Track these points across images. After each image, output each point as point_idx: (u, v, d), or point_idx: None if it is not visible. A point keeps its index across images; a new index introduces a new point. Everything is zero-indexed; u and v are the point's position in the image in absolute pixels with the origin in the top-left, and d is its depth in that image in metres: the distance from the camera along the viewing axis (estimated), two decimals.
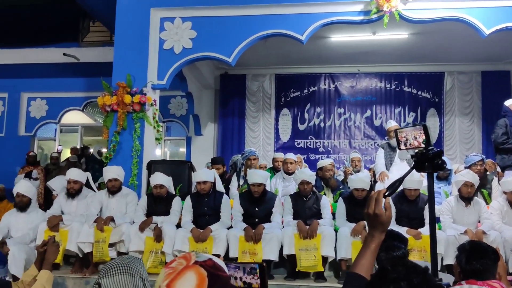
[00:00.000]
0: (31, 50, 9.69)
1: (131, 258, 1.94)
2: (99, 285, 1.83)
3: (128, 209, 5.48)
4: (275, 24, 6.20)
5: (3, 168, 9.82)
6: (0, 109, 10.54)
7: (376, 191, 1.55)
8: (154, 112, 6.41)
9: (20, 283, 3.02)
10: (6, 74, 10.12)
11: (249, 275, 1.65)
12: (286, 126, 9.81)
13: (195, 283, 1.16)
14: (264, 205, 5.17)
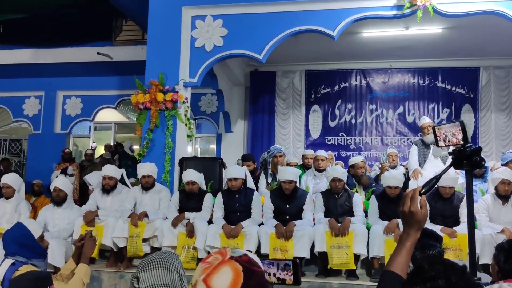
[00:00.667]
0: (66, 50, 9.95)
1: (168, 253, 1.98)
2: (137, 279, 1.87)
3: (161, 205, 5.56)
4: (306, 20, 6.17)
5: (40, 164, 10.15)
6: (37, 107, 10.86)
7: (412, 189, 1.53)
8: (185, 110, 6.49)
9: (59, 276, 3.11)
10: (42, 73, 10.42)
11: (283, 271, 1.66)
12: (317, 123, 9.75)
13: (231, 278, 1.18)
14: (295, 202, 5.17)
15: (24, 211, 5.55)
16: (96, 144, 10.60)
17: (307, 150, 7.06)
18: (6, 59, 10.18)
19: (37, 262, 2.99)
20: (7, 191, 5.56)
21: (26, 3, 9.06)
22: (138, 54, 9.20)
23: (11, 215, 5.53)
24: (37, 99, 10.84)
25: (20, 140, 11.27)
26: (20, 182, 5.79)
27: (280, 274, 1.63)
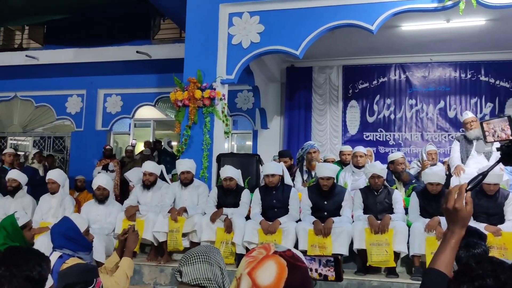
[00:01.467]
0: (107, 49, 10.22)
1: (209, 248, 2.01)
2: (180, 273, 1.91)
3: (200, 201, 5.64)
4: (343, 14, 6.10)
5: (83, 161, 10.47)
6: (79, 105, 11.20)
7: (457, 185, 1.50)
8: (223, 107, 6.55)
9: (103, 268, 3.21)
10: (84, 72, 10.73)
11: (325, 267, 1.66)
12: (354, 119, 9.63)
13: (275, 272, 1.19)
14: (333, 198, 5.13)
15: (68, 205, 5.74)
16: (136, 141, 10.83)
17: (345, 146, 6.99)
18: (50, 59, 10.56)
19: (83, 255, 3.09)
20: (52, 186, 5.76)
21: (69, 4, 9.35)
22: (176, 52, 9.34)
23: (56, 209, 5.74)
24: (79, 97, 11.18)
25: (64, 137, 11.64)
26: (64, 177, 5.98)
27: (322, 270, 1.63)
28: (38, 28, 11.67)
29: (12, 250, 1.67)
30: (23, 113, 11.74)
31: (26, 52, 10.91)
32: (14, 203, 5.87)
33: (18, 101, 11.73)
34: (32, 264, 1.59)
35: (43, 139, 11.69)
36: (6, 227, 3.32)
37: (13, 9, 9.51)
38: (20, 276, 1.55)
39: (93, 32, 10.69)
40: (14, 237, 3.31)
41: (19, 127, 11.76)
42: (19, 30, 12.43)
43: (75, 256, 3.04)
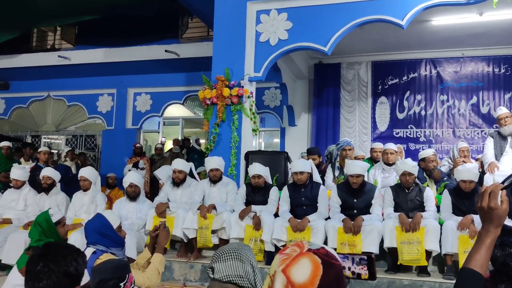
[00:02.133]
0: (136, 48, 10.37)
1: (241, 245, 2.01)
2: (212, 269, 1.93)
3: (228, 198, 5.67)
4: (373, 10, 6.00)
5: (113, 158, 10.67)
6: (110, 104, 11.42)
7: (492, 184, 1.46)
8: (251, 104, 6.55)
9: (135, 264, 3.27)
10: (114, 71, 10.93)
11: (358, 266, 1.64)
12: (384, 115, 9.48)
13: (310, 270, 1.18)
14: (363, 196, 5.07)
15: (100, 202, 5.85)
16: (165, 138, 10.97)
17: (376, 143, 6.90)
18: (81, 59, 10.80)
19: (116, 251, 3.15)
20: (84, 183, 5.88)
21: (100, 5, 9.52)
22: (204, 51, 9.41)
23: (88, 206, 5.86)
24: (110, 96, 11.40)
25: (95, 135, 11.90)
26: (96, 175, 6.11)
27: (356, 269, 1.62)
28: (70, 28, 11.93)
29: (50, 246, 1.71)
30: (56, 112, 12.06)
31: (58, 52, 11.18)
32: (48, 200, 6.03)
33: (51, 100, 12.05)
34: (69, 260, 1.63)
35: (75, 138, 11.98)
36: (41, 223, 3.41)
37: (45, 10, 9.76)
38: (58, 271, 1.59)
39: (123, 32, 10.86)
40: (48, 233, 3.40)
41: (52, 126, 12.09)
42: (51, 31, 12.75)
43: (108, 252, 3.10)
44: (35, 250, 1.62)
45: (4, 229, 5.62)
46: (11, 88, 12.22)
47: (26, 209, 6.06)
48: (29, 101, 12.13)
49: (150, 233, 3.41)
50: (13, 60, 11.35)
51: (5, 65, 11.40)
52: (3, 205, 6.07)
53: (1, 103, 12.40)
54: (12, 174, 6.13)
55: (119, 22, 10.90)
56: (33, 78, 11.70)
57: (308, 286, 1.17)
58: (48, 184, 6.01)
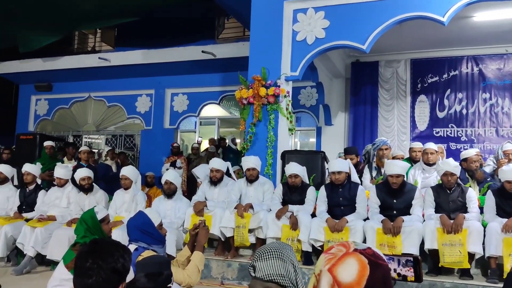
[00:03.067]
0: (173, 50, 10.54)
1: (282, 244, 2.01)
2: (253, 268, 1.93)
3: (265, 197, 5.68)
4: (412, 6, 5.87)
5: (152, 158, 10.89)
6: (148, 105, 11.66)
7: None
8: (287, 104, 6.54)
9: (175, 262, 3.31)
10: (153, 72, 11.16)
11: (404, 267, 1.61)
12: (423, 114, 9.24)
13: (357, 270, 1.17)
14: (403, 197, 4.96)
15: (140, 201, 5.97)
16: (202, 138, 11.10)
17: (415, 142, 6.75)
18: (121, 60, 11.07)
19: (157, 248, 3.20)
20: (125, 182, 6.01)
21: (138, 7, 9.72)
22: (240, 51, 9.47)
23: (129, 204, 6.00)
24: (148, 97, 11.64)
25: (134, 135, 12.17)
26: (137, 174, 6.24)
27: (401, 270, 1.59)
28: (110, 31, 12.26)
29: (97, 242, 1.75)
30: (97, 112, 12.41)
31: (98, 54, 11.50)
32: (88, 198, 6.20)
33: (92, 101, 12.41)
34: (116, 257, 1.67)
35: (114, 137, 12.29)
36: (87, 221, 3.50)
37: (86, 13, 10.05)
38: (107, 268, 1.63)
39: (160, 34, 11.07)
40: (93, 230, 3.48)
41: (93, 126, 12.44)
42: (91, 34, 13.14)
43: (150, 249, 3.15)
44: (83, 247, 1.66)
45: (49, 226, 5.81)
46: (54, 89, 12.67)
47: (69, 207, 6.24)
48: (71, 102, 12.54)
49: (190, 231, 3.46)
50: (56, 62, 11.76)
51: (48, 67, 11.83)
52: (47, 202, 6.28)
53: (44, 104, 12.87)
54: (56, 172, 6.33)
55: (156, 23, 11.11)
56: (74, 79, 12.09)
57: (354, 286, 1.16)
58: (89, 184, 6.17)
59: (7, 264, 5.94)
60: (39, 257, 5.78)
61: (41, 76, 12.20)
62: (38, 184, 6.67)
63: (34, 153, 8.76)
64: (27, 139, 9.25)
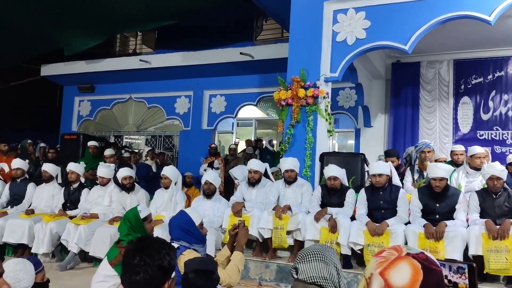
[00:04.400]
0: (212, 51, 10.65)
1: (325, 247, 2.00)
2: (296, 270, 1.93)
3: (303, 199, 5.64)
4: (457, 5, 5.70)
5: (190, 158, 11.05)
6: (187, 106, 11.83)
7: None
8: (326, 105, 6.48)
9: None
10: (191, 74, 11.31)
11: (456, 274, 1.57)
12: (467, 116, 8.95)
13: (410, 274, 1.14)
14: (446, 201, 4.83)
15: (180, 200, 6.07)
16: (239, 139, 11.16)
17: (457, 145, 6.56)
18: (161, 62, 11.28)
19: (198, 247, 3.24)
20: (165, 182, 6.12)
21: (179, 10, 9.88)
22: (278, 52, 9.48)
23: (168, 203, 6.10)
24: (187, 98, 11.82)
25: (172, 135, 12.37)
26: (177, 174, 6.34)
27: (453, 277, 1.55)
28: (150, 34, 12.52)
29: (144, 240, 1.79)
30: (137, 113, 12.69)
31: (139, 56, 11.76)
32: (130, 197, 6.34)
33: (132, 102, 12.71)
34: (162, 254, 1.70)
35: (154, 138, 12.53)
36: (130, 219, 3.59)
37: (128, 17, 10.31)
38: (153, 265, 1.66)
39: (199, 36, 11.22)
40: (136, 229, 3.57)
41: (134, 127, 12.73)
42: (133, 37, 13.47)
43: (191, 248, 3.19)
44: (130, 245, 1.70)
45: (91, 224, 5.97)
46: (96, 90, 13.05)
47: (111, 205, 6.40)
48: (112, 103, 12.88)
49: (229, 232, 3.48)
50: (98, 64, 12.11)
51: (91, 69, 12.20)
52: (90, 201, 6.47)
53: (87, 105, 13.26)
54: (99, 172, 6.51)
55: (196, 26, 11.27)
56: (116, 81, 12.41)
57: None
58: (131, 183, 6.30)
59: (52, 260, 6.14)
60: (82, 253, 5.95)
61: (84, 78, 12.59)
62: (81, 182, 6.87)
63: (77, 153, 9.03)
64: (71, 139, 9.55)
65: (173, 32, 11.77)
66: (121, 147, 10.88)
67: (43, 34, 10.72)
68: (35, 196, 6.83)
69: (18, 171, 6.92)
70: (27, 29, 10.29)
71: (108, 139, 12.39)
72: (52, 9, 9.35)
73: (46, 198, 6.78)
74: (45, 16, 9.73)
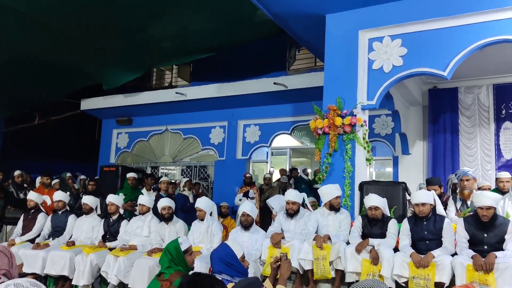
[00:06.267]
0: (246, 82, 10.79)
1: (376, 282, 1.93)
2: None
3: (342, 227, 5.53)
4: (496, 30, 5.59)
5: (225, 188, 11.07)
6: (221, 136, 11.95)
7: None
8: (364, 133, 6.41)
9: None
10: (226, 105, 11.46)
11: None
12: (509, 141, 8.66)
13: None
14: (494, 231, 4.62)
15: (217, 231, 6.02)
16: (274, 168, 11.13)
17: (502, 172, 6.32)
18: (196, 94, 11.50)
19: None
20: (200, 213, 6.09)
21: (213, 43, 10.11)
22: (311, 81, 9.51)
23: (204, 235, 6.07)
24: (221, 129, 11.94)
25: (207, 165, 12.46)
26: (211, 205, 6.31)
27: None
28: (185, 67, 12.83)
29: (198, 275, 1.79)
30: (173, 144, 12.90)
31: (175, 89, 12.02)
32: (168, 228, 6.35)
33: (168, 133, 12.94)
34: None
35: (189, 168, 12.66)
36: (171, 251, 3.58)
37: (164, 52, 10.61)
38: None
39: (234, 67, 11.41)
40: (177, 261, 3.55)
41: (170, 157, 12.91)
42: (168, 70, 13.83)
43: (233, 282, 3.15)
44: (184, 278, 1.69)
45: (130, 255, 5.99)
46: (134, 123, 13.38)
47: (150, 236, 6.42)
48: (149, 134, 13.15)
49: (271, 264, 3.42)
50: (136, 97, 12.44)
51: (129, 102, 12.54)
52: (129, 232, 6.52)
53: (125, 137, 13.58)
54: (140, 199, 6.58)
55: (230, 58, 11.48)
56: (153, 113, 12.71)
57: None
58: (169, 214, 6.32)
59: None
60: (121, 285, 5.96)
61: (122, 111, 12.94)
62: (121, 214, 6.95)
63: (116, 184, 9.19)
64: (110, 170, 9.75)
65: (207, 65, 12.03)
66: (158, 177, 11.02)
67: (83, 70, 11.15)
68: (75, 228, 6.94)
69: (59, 203, 7.08)
70: (68, 66, 10.74)
71: (145, 170, 12.59)
72: (93, 45, 9.74)
73: (86, 230, 6.88)
74: (86, 52, 10.14)
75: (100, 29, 9.12)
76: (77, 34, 9.26)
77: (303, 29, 7.31)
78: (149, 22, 9.13)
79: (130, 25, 9.15)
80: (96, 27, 9.05)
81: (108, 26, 9.07)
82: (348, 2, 6.38)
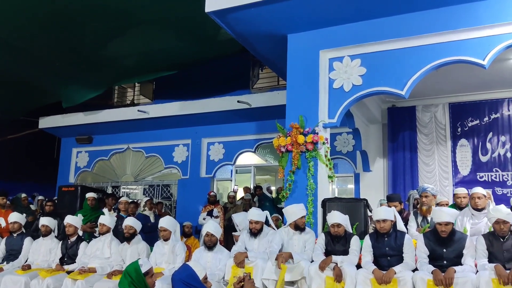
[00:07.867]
0: (210, 100, 10.78)
1: None
2: None
3: (307, 247, 5.53)
4: (451, 51, 5.82)
5: (189, 207, 10.93)
6: (185, 154, 11.83)
7: None
8: (326, 151, 6.48)
9: None
10: (189, 123, 11.39)
11: None
12: (466, 158, 8.99)
13: None
14: (453, 246, 4.73)
15: (180, 251, 5.91)
16: (238, 186, 11.09)
17: (459, 188, 6.50)
18: (159, 112, 11.38)
19: None
20: (164, 234, 5.97)
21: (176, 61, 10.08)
22: (274, 100, 9.60)
23: (169, 256, 5.94)
24: (185, 147, 11.83)
25: (170, 184, 12.28)
26: (175, 224, 6.20)
27: None
28: (148, 84, 12.71)
29: None
30: (135, 163, 12.67)
31: (137, 107, 11.85)
32: (130, 249, 6.19)
33: (130, 152, 12.72)
34: None
35: (152, 187, 12.44)
36: (131, 273, 3.47)
37: (126, 69, 10.49)
38: None
39: (197, 85, 11.39)
40: (137, 284, 3.44)
41: (131, 177, 12.66)
42: (130, 88, 13.66)
43: None
44: None
45: (89, 278, 5.79)
46: (94, 141, 13.09)
47: (110, 258, 6.23)
48: (110, 153, 12.88)
49: (235, 285, 3.38)
50: (97, 115, 12.19)
51: (90, 120, 12.26)
52: (88, 254, 6.31)
53: (85, 156, 13.25)
54: (101, 219, 6.41)
55: (193, 75, 11.45)
56: (114, 132, 12.47)
57: None
58: (130, 234, 6.18)
59: None
60: None
61: (82, 129, 12.64)
62: (79, 235, 6.73)
63: (75, 205, 8.89)
64: (69, 190, 9.44)
65: (170, 82, 11.95)
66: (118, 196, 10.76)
67: (42, 87, 10.86)
68: (31, 250, 6.66)
69: (15, 225, 6.80)
70: (26, 83, 10.43)
71: (105, 189, 12.28)
72: (51, 63, 9.51)
73: (44, 252, 6.61)
74: (44, 70, 9.89)
75: (59, 46, 8.93)
76: (36, 51, 9.03)
77: (266, 49, 7.39)
78: (111, 39, 9.02)
79: (91, 42, 9.01)
80: (56, 44, 8.86)
81: (68, 43, 8.89)
82: (309, 23, 6.50)
